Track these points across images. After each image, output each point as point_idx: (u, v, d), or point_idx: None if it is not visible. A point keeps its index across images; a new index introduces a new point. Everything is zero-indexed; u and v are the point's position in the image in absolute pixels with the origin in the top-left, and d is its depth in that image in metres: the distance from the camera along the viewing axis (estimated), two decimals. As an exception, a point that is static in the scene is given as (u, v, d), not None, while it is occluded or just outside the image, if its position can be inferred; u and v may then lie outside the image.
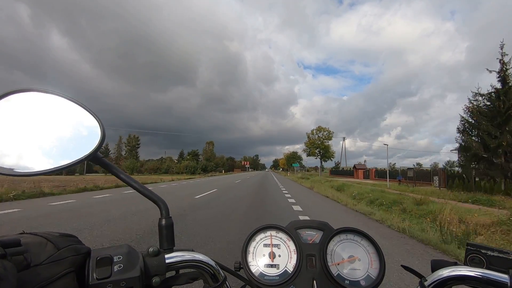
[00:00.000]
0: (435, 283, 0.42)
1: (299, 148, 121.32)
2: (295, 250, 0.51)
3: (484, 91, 16.39)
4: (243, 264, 0.50)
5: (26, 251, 0.31)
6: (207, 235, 4.27)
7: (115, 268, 0.37)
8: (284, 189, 14.89)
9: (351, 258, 0.49)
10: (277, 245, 0.52)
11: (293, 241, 0.52)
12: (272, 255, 0.51)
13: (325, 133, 55.88)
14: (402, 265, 0.53)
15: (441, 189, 16.64)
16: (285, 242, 0.53)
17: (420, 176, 24.24)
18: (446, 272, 0.42)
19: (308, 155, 57.31)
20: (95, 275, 0.36)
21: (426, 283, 0.43)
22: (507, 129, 14.83)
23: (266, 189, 14.69)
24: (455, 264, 0.44)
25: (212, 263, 0.48)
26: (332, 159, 55.59)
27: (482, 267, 0.41)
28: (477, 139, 16.33)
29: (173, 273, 0.46)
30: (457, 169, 20.66)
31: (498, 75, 15.76)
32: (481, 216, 6.29)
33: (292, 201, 9.23)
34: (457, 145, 17.57)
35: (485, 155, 15.56)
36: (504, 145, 14.41)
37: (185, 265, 0.46)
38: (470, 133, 17.03)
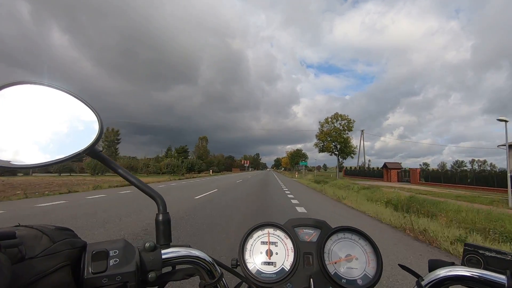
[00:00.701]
0: (432, 283, 0.42)
1: (300, 147, 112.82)
2: (293, 248, 0.51)
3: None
4: (240, 261, 0.50)
5: (21, 243, 0.31)
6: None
7: (111, 262, 0.37)
8: (303, 209, 7.23)
9: (348, 257, 0.49)
10: (274, 243, 0.52)
11: (290, 239, 0.52)
12: (269, 253, 0.51)
13: (343, 122, 40.59)
14: (399, 264, 0.52)
15: None
16: (282, 240, 0.52)
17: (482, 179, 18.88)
18: (443, 272, 0.42)
19: (320, 150, 42.45)
20: (90, 269, 0.36)
21: (423, 283, 0.43)
22: None
23: (268, 206, 7.57)
24: (453, 264, 0.43)
25: (208, 259, 0.48)
26: (352, 155, 41.94)
27: (479, 268, 0.41)
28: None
29: (169, 268, 0.46)
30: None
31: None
32: None
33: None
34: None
35: None
36: None
37: (181, 261, 0.46)
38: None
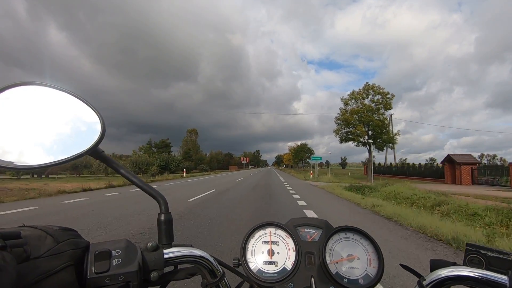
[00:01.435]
0: (434, 282, 0.42)
1: (304, 143, 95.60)
2: (294, 247, 0.51)
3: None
4: (242, 260, 0.50)
5: (26, 243, 0.31)
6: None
7: (114, 262, 0.37)
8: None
9: (350, 256, 0.49)
10: (276, 243, 0.52)
11: (292, 239, 0.52)
12: (271, 252, 0.51)
13: (376, 98, 27.24)
14: (401, 264, 0.53)
15: None
16: (284, 239, 0.52)
17: None
18: (445, 272, 0.42)
19: (343, 140, 28.79)
20: (93, 269, 0.36)
21: (424, 283, 0.43)
22: None
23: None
24: (454, 264, 0.43)
25: (210, 259, 0.48)
26: (392, 145, 29.35)
27: (481, 268, 0.41)
28: None
29: (171, 268, 0.46)
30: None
31: None
32: None
33: None
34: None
35: None
36: None
37: (183, 260, 0.46)
38: None
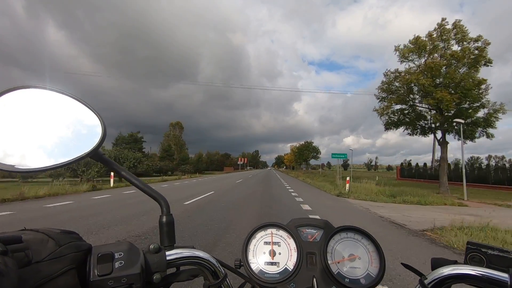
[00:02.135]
0: (435, 281, 0.42)
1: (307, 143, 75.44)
2: (296, 248, 0.51)
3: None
4: (244, 261, 0.50)
5: (27, 247, 0.31)
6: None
7: (116, 264, 0.37)
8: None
9: (351, 256, 0.49)
10: (277, 243, 0.52)
11: (293, 239, 0.52)
12: (272, 253, 0.51)
13: (465, 46, 14.30)
14: (402, 263, 0.53)
15: None
16: (285, 240, 0.53)
17: None
18: (446, 270, 0.42)
19: (393, 124, 17.39)
20: (96, 272, 0.36)
21: (426, 281, 0.43)
22: None
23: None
24: (455, 262, 0.44)
25: (212, 260, 0.48)
26: (488, 132, 15.52)
27: (482, 266, 0.41)
28: None
29: (173, 270, 0.46)
30: None
31: None
32: None
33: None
34: None
35: None
36: None
37: (185, 262, 0.46)
38: None
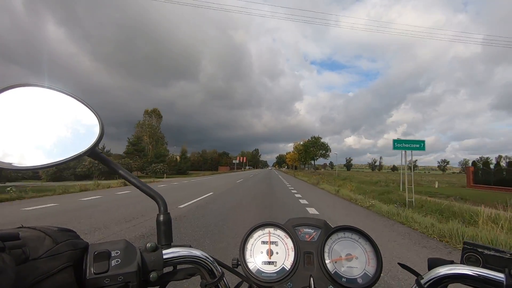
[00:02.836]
0: (432, 281, 0.42)
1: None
2: (293, 247, 0.51)
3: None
4: (241, 261, 0.51)
5: (24, 244, 0.31)
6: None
7: (113, 263, 0.38)
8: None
9: (348, 256, 0.49)
10: (274, 243, 0.52)
11: (291, 239, 0.52)
12: (269, 252, 0.51)
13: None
14: (399, 263, 0.53)
15: None
16: (282, 239, 0.53)
17: None
18: (442, 270, 0.42)
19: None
20: (92, 270, 0.36)
21: (422, 281, 0.43)
22: None
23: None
24: (452, 262, 0.44)
25: (209, 259, 0.48)
26: None
27: (478, 266, 0.41)
28: None
29: (170, 268, 0.46)
30: None
31: None
32: None
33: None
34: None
35: None
36: None
37: (182, 260, 0.46)
38: None
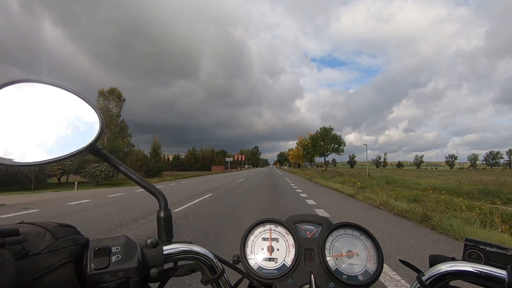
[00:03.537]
0: (433, 278, 0.42)
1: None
2: (294, 244, 0.51)
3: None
4: (242, 257, 0.51)
5: (24, 240, 0.31)
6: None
7: (113, 258, 0.38)
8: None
9: (349, 253, 0.49)
10: (275, 239, 0.52)
11: (291, 235, 0.52)
12: (270, 249, 0.51)
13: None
14: (400, 260, 0.52)
15: None
16: (283, 236, 0.53)
17: None
18: (444, 267, 0.42)
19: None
20: (93, 265, 0.36)
21: (424, 278, 0.43)
22: None
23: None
24: (453, 259, 0.43)
25: (210, 255, 0.48)
26: None
27: (480, 263, 0.41)
28: None
29: (171, 264, 0.46)
30: None
31: None
32: None
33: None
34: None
35: None
36: None
37: (183, 256, 0.46)
38: None
